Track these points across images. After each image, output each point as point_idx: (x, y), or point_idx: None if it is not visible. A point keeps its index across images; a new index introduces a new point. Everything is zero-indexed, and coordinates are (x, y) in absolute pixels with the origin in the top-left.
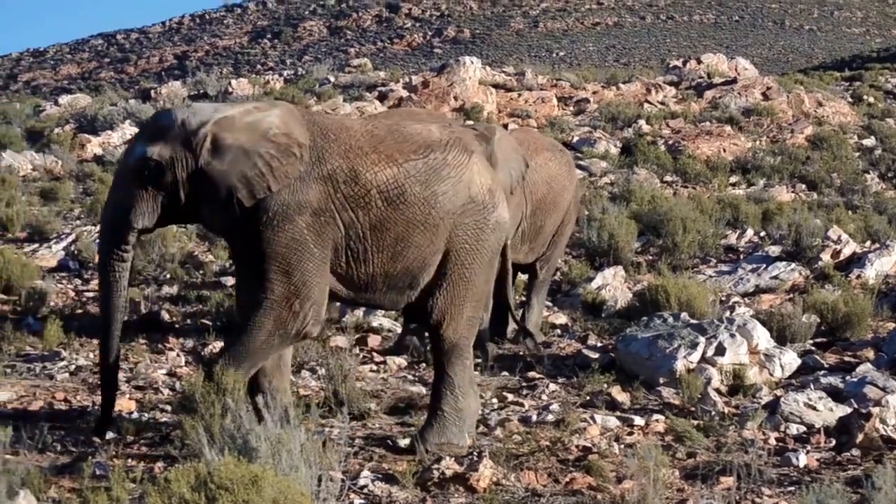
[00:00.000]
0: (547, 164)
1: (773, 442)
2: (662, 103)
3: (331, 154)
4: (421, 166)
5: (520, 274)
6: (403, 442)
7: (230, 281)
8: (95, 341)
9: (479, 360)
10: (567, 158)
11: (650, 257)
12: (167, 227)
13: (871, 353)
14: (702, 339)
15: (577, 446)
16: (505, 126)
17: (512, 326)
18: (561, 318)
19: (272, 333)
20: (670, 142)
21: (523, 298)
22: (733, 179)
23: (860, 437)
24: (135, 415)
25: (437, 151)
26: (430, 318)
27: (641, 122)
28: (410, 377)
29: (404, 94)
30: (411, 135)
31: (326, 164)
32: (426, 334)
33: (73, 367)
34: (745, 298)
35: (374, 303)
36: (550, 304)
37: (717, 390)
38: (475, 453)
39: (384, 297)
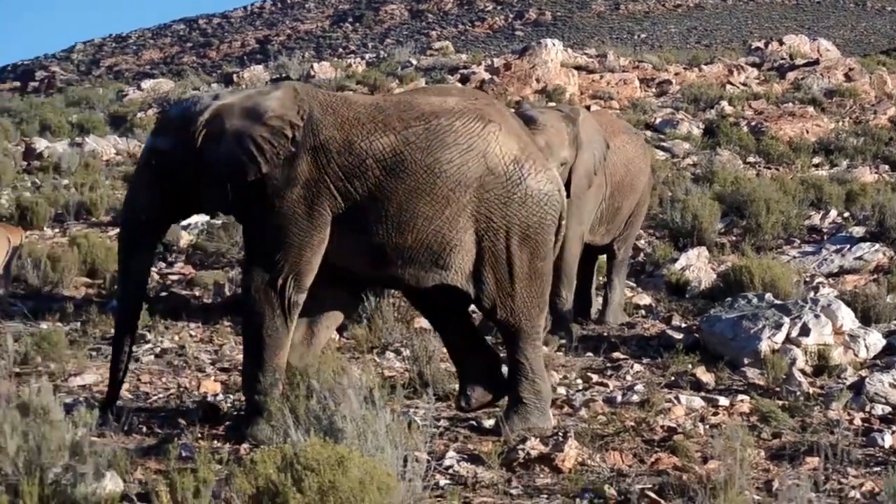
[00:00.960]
0: (625, 146)
1: (858, 422)
2: (745, 84)
3: (325, 126)
4: (422, 133)
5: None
6: (488, 423)
7: None
8: (180, 324)
9: (564, 341)
10: (642, 141)
11: (733, 238)
12: None
13: None
14: (786, 320)
15: (662, 427)
16: (587, 108)
17: (596, 307)
18: (645, 299)
19: (264, 318)
20: (753, 123)
21: (604, 280)
22: (816, 160)
23: None
24: (220, 396)
25: (442, 118)
26: (482, 306)
27: (724, 103)
28: None
29: (486, 76)
30: (418, 104)
31: (319, 136)
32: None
33: (157, 349)
34: (829, 279)
35: (394, 278)
36: (634, 284)
37: (802, 371)
38: (560, 434)
39: (403, 272)
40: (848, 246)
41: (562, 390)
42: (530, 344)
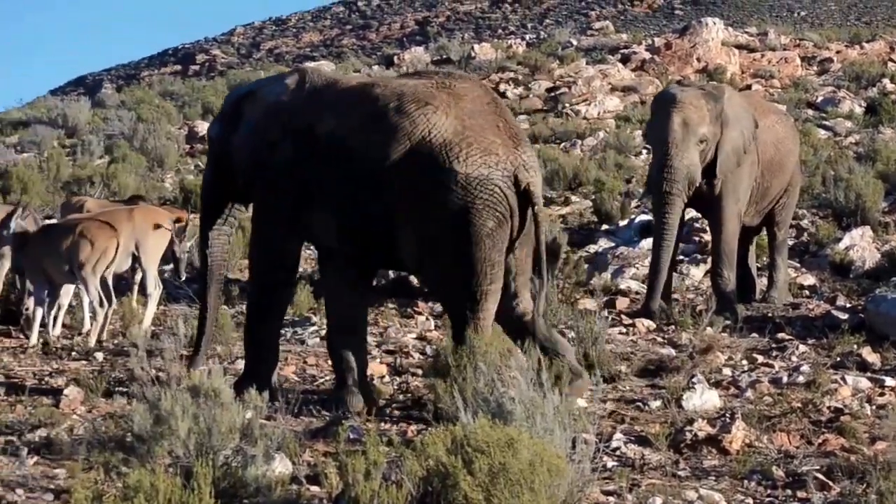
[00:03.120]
0: (774, 126)
1: None
2: None
3: (304, 112)
4: (358, 117)
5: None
6: (654, 404)
7: None
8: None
9: (728, 322)
10: (791, 122)
11: None
12: None
13: None
14: None
15: (828, 407)
16: (748, 87)
17: (760, 287)
18: (809, 279)
19: (261, 297)
20: None
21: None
22: None
23: None
24: (386, 378)
25: (381, 101)
26: (426, 289)
27: (886, 80)
28: (660, 339)
29: (647, 56)
30: (369, 86)
31: (296, 122)
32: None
33: (323, 331)
34: None
35: (363, 258)
36: (798, 265)
37: None
38: (727, 415)
39: (370, 255)
40: None
41: (727, 371)
42: (472, 329)
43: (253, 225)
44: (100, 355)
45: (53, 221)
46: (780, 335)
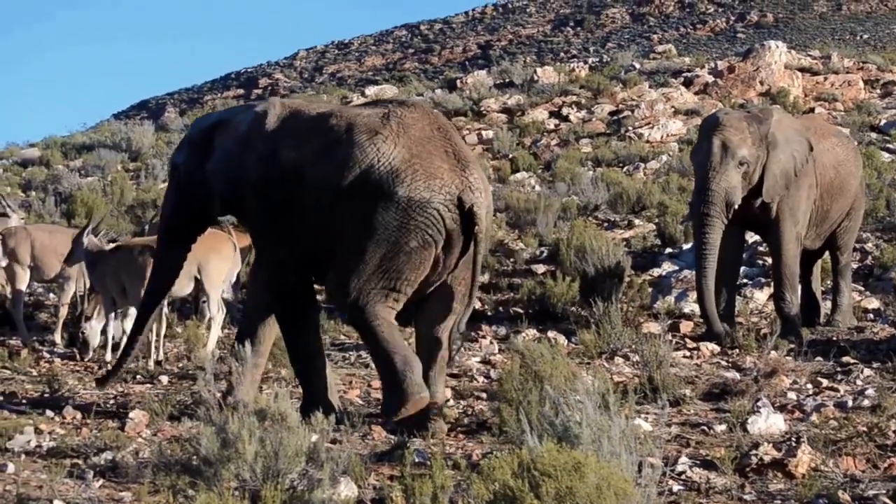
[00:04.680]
0: (834, 149)
1: None
2: None
3: (270, 140)
4: (314, 147)
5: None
6: (720, 427)
7: (541, 268)
8: (409, 330)
9: (793, 346)
10: (853, 145)
11: None
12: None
13: None
14: None
15: (894, 431)
16: (811, 110)
17: (824, 311)
18: (873, 303)
19: (284, 308)
20: None
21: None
22: None
23: None
24: (451, 402)
25: (335, 132)
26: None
27: None
28: (724, 363)
29: (710, 79)
30: (326, 116)
31: (263, 150)
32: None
33: None
34: None
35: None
36: (862, 288)
37: None
38: (793, 439)
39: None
40: None
41: (792, 395)
42: (372, 337)
43: (253, 242)
44: (164, 378)
45: (121, 243)
46: (845, 359)
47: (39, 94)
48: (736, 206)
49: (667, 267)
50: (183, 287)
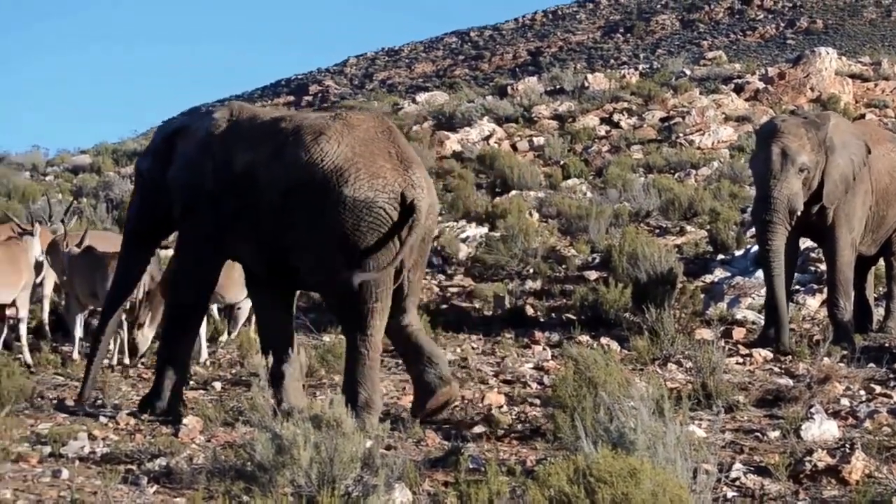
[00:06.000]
0: (889, 154)
1: None
2: None
3: (226, 145)
4: (264, 150)
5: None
6: (773, 434)
7: (593, 275)
8: (461, 336)
9: (846, 352)
10: None
11: None
12: (528, 223)
13: None
14: None
15: None
16: (861, 116)
17: (876, 317)
18: None
19: (178, 316)
20: None
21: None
22: None
23: None
24: (504, 408)
25: (283, 134)
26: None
27: None
28: (777, 369)
29: (760, 85)
30: (277, 120)
31: (220, 155)
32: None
33: None
34: None
35: (277, 282)
36: None
37: None
38: (847, 445)
39: (281, 278)
40: None
41: (845, 401)
42: (362, 345)
43: (179, 249)
44: (218, 385)
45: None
46: None
47: (88, 100)
48: (798, 213)
49: (719, 273)
50: (237, 294)
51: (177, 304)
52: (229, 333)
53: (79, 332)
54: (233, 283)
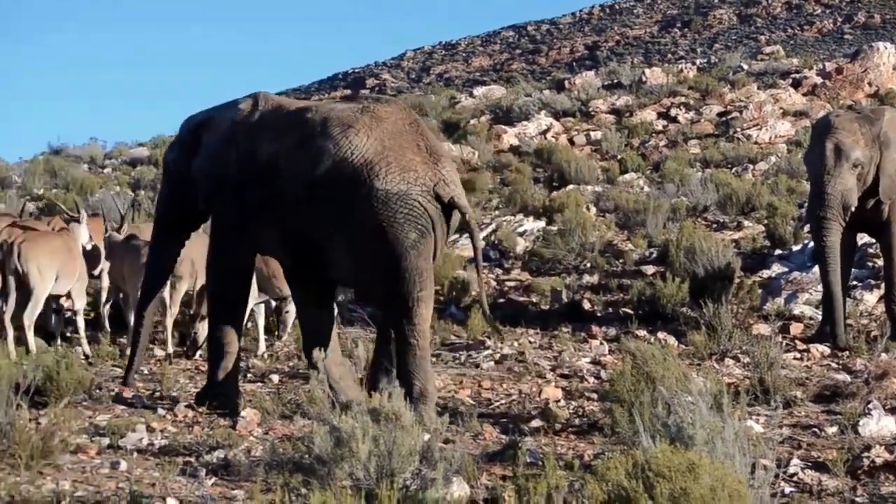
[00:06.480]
0: None
1: None
2: None
3: (250, 136)
4: (290, 141)
5: None
6: (831, 430)
7: (650, 269)
8: (519, 330)
9: None
10: None
11: None
12: (585, 217)
13: None
14: None
15: None
16: None
17: None
18: None
19: (218, 305)
20: None
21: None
22: None
23: None
24: (561, 402)
25: (309, 126)
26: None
27: None
28: (834, 365)
29: (818, 80)
30: (303, 111)
31: (244, 145)
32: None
33: (497, 355)
34: None
35: (307, 274)
36: None
37: None
38: None
39: (310, 270)
40: None
41: None
42: (411, 336)
43: (211, 239)
44: (275, 377)
45: None
46: None
47: (146, 91)
48: (853, 209)
49: (776, 268)
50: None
51: (213, 295)
52: (279, 337)
53: None
54: None
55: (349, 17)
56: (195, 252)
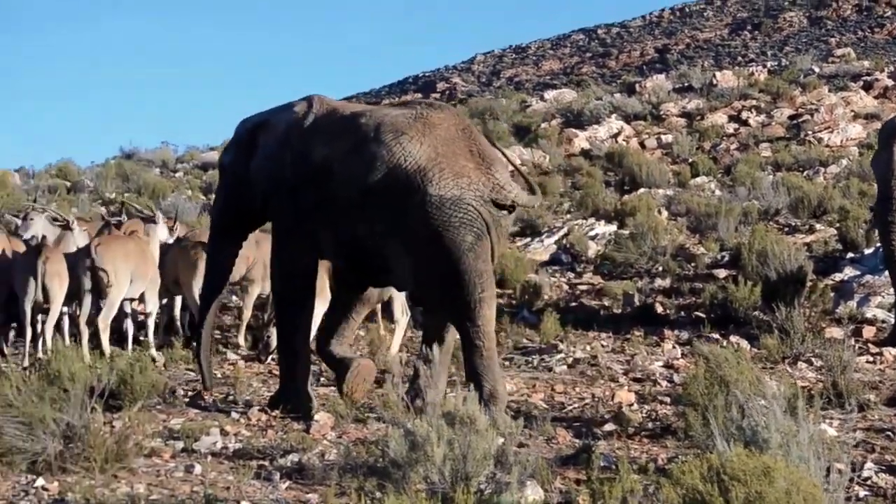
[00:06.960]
0: None
1: None
2: None
3: (305, 139)
4: (343, 145)
5: None
6: None
7: (722, 273)
8: (591, 334)
9: None
10: None
11: None
12: (657, 220)
13: None
14: None
15: None
16: None
17: None
18: None
19: (283, 307)
20: None
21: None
22: None
23: None
24: (634, 406)
25: (363, 131)
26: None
27: None
28: None
29: (889, 83)
30: (357, 116)
31: (299, 148)
32: None
33: (570, 359)
34: None
35: (359, 275)
36: None
37: None
38: None
39: (363, 272)
40: None
41: None
42: (476, 337)
43: (272, 241)
44: None
45: None
46: None
47: (215, 95)
48: None
49: (849, 272)
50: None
51: (277, 297)
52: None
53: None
54: None
55: (421, 21)
56: (267, 255)
